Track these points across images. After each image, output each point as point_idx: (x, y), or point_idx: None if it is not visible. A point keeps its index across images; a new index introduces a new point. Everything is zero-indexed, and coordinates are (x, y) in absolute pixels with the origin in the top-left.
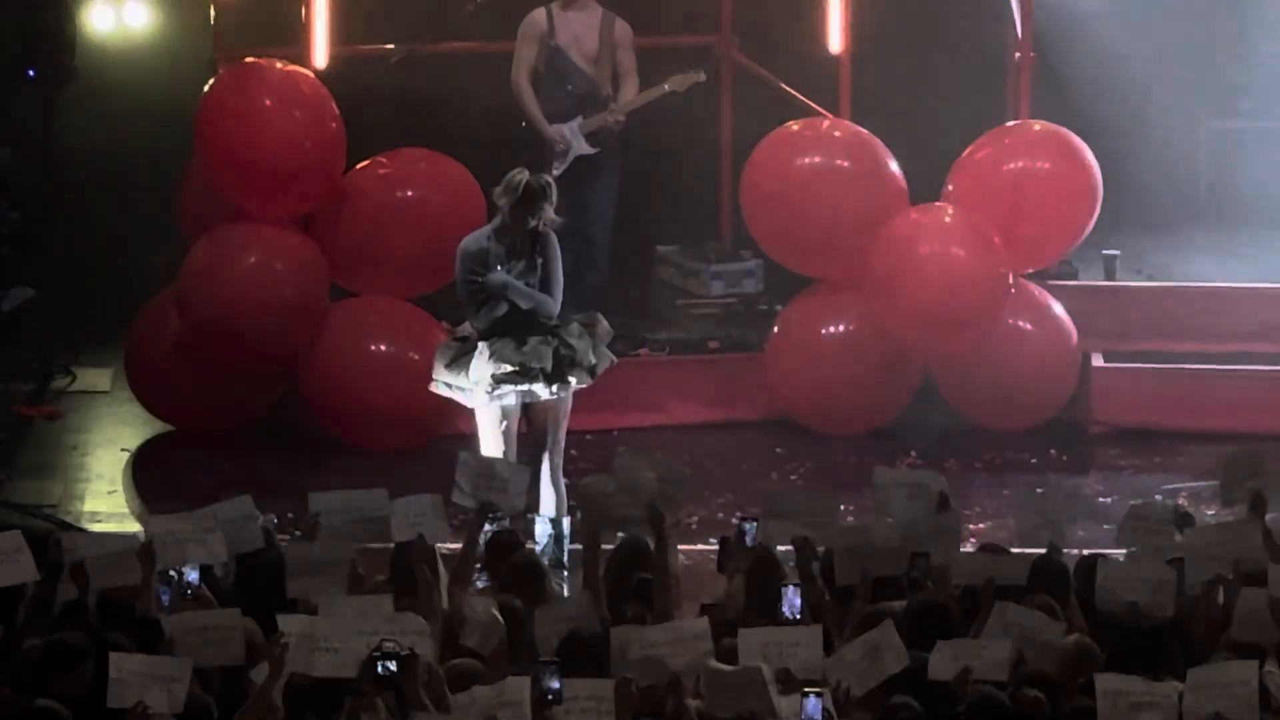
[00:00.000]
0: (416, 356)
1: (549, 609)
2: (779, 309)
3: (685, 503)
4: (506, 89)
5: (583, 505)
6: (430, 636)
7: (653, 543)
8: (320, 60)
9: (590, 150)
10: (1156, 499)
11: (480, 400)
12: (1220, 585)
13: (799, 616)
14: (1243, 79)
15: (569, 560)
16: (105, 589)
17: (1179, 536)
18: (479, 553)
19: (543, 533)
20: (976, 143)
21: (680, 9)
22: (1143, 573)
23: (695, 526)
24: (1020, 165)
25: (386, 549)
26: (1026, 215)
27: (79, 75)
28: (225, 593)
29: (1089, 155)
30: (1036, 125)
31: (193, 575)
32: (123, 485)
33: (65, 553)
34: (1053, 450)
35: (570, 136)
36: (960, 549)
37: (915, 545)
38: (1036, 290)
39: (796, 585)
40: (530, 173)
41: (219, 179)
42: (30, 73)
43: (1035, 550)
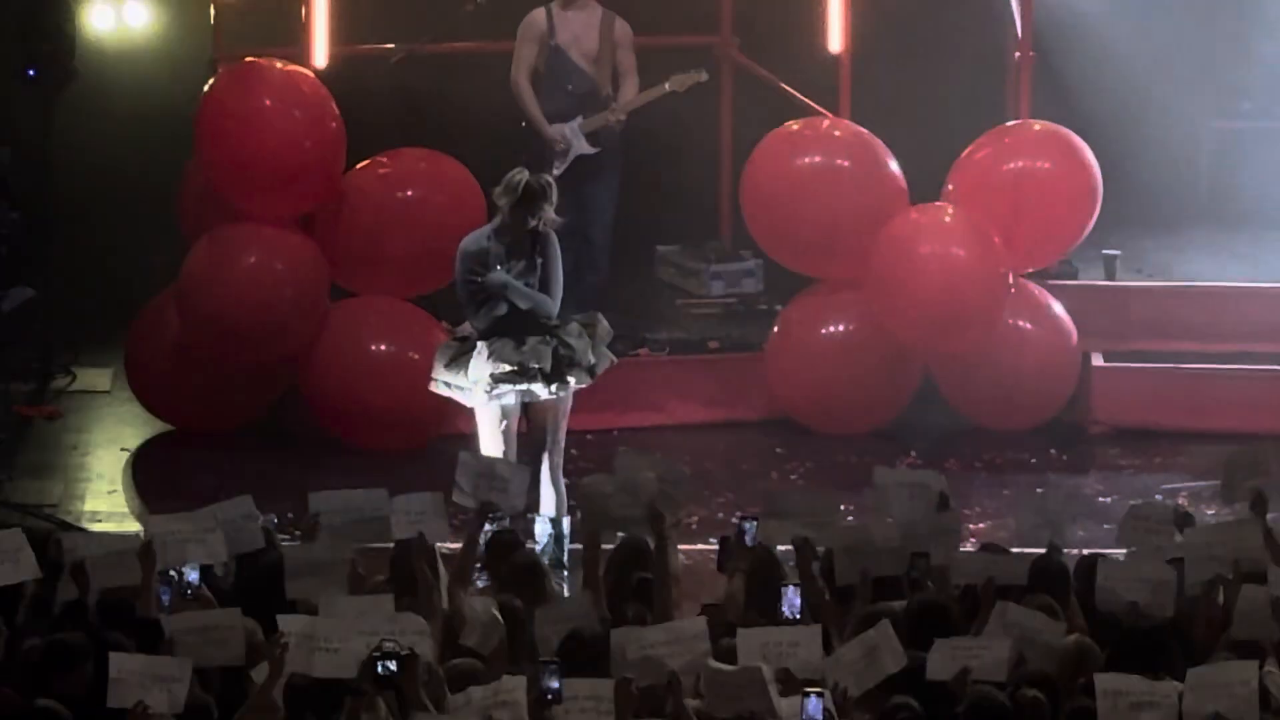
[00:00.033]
0: (416, 356)
1: (549, 609)
2: (779, 309)
3: (685, 503)
4: (506, 89)
5: (583, 505)
6: (430, 636)
7: (653, 543)
8: (320, 60)
9: (591, 150)
10: (1156, 499)
11: (479, 400)
12: (1220, 585)
13: (799, 616)
14: (1243, 79)
15: (569, 560)
16: (105, 589)
17: (1179, 536)
18: (479, 552)
19: (543, 532)
20: (976, 143)
21: (680, 9)
22: (1143, 572)
23: (695, 526)
24: (1020, 165)
25: (387, 549)
26: (1026, 215)
27: (79, 75)
28: (225, 593)
29: (1089, 155)
30: (1036, 125)
31: (193, 575)
32: (123, 485)
33: (65, 553)
34: (1053, 450)
35: (571, 136)
36: (960, 549)
37: (915, 545)
38: (1036, 290)
39: (796, 585)
40: (530, 173)
41: (219, 179)
42: (30, 73)
43: (1035, 550)
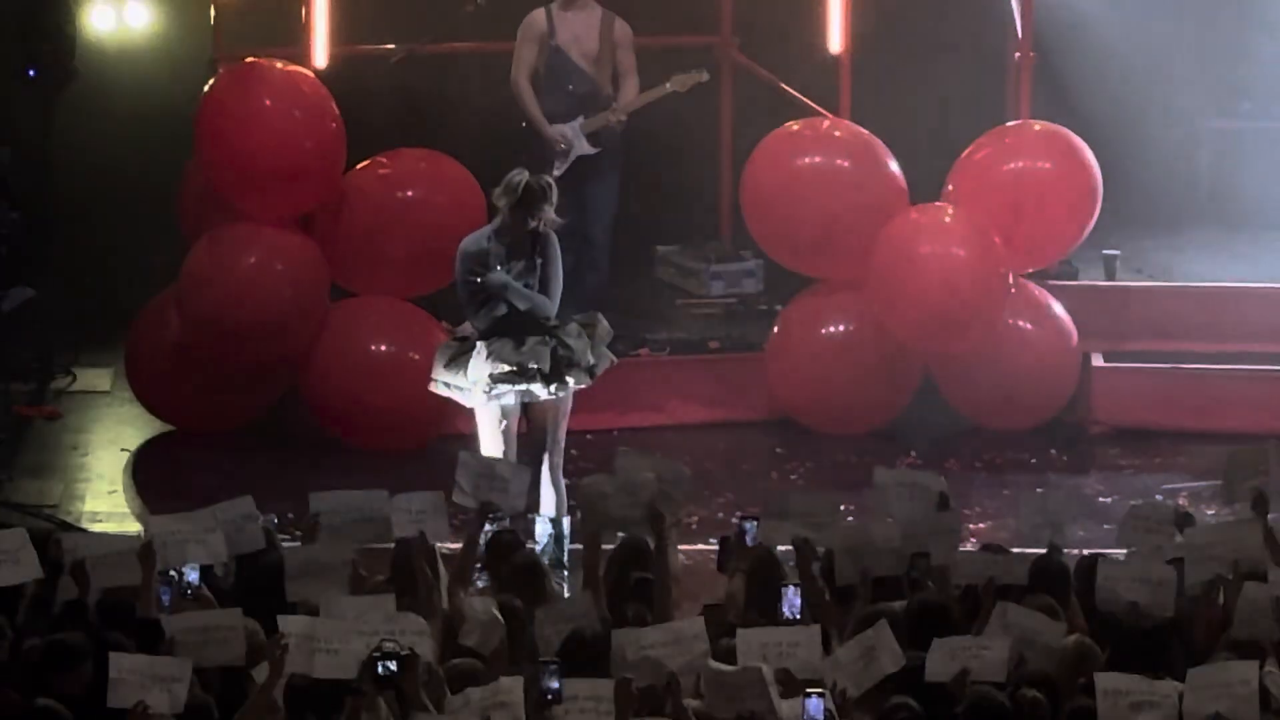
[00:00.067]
0: (416, 356)
1: (550, 609)
2: (779, 309)
3: (685, 503)
4: (506, 89)
5: (583, 505)
6: (430, 636)
7: (653, 543)
8: (320, 60)
9: (592, 150)
10: (1156, 499)
11: (479, 400)
12: (1220, 585)
13: (799, 616)
14: (1243, 79)
15: (569, 560)
16: (105, 589)
17: (1179, 537)
18: (479, 553)
19: (543, 533)
20: (976, 143)
21: (680, 9)
22: (1143, 572)
23: (695, 526)
24: (1020, 165)
25: (388, 549)
26: (1026, 215)
27: (79, 75)
28: (225, 593)
29: (1089, 155)
30: (1036, 125)
31: (193, 575)
32: (123, 485)
33: (65, 553)
34: (1053, 450)
35: (572, 136)
36: (960, 549)
37: (915, 545)
38: (1036, 290)
39: (796, 585)
40: (530, 173)
41: (219, 179)
42: (30, 73)
43: (1036, 550)
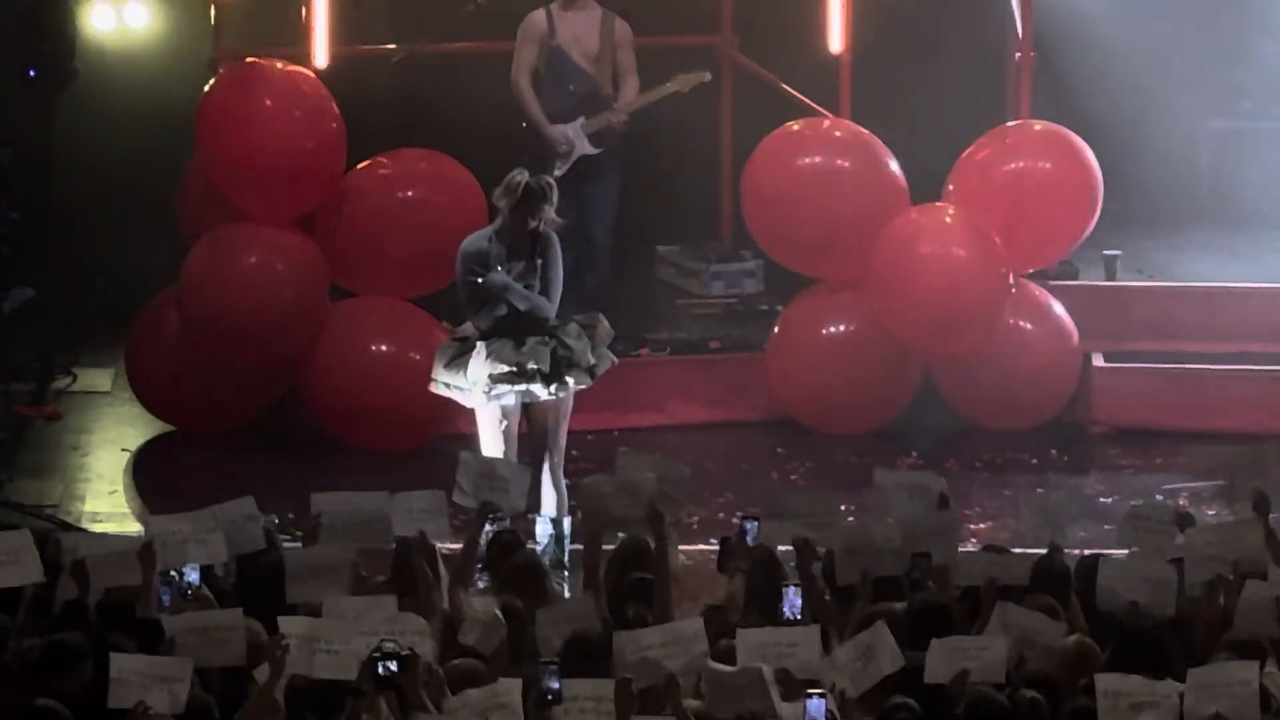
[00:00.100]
0: (416, 356)
1: (550, 610)
2: (779, 309)
3: (685, 503)
4: (506, 89)
5: (583, 505)
6: (430, 636)
7: (653, 543)
8: (321, 60)
9: (593, 150)
10: (1157, 499)
11: (479, 400)
12: (1220, 585)
13: (799, 617)
14: (1243, 79)
15: (570, 560)
16: (106, 589)
17: (1179, 537)
18: (480, 553)
19: (543, 533)
20: (977, 143)
21: (680, 9)
22: (1143, 572)
23: (695, 526)
24: (1021, 165)
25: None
26: (1027, 215)
27: (79, 75)
28: (226, 593)
29: (1089, 155)
30: (1037, 125)
31: (193, 575)
32: (123, 485)
33: (65, 552)
34: (1053, 450)
35: (573, 137)
36: (960, 549)
37: (916, 545)
38: (1037, 290)
39: (797, 585)
40: (530, 174)
41: (219, 179)
42: (30, 73)
43: (1036, 550)
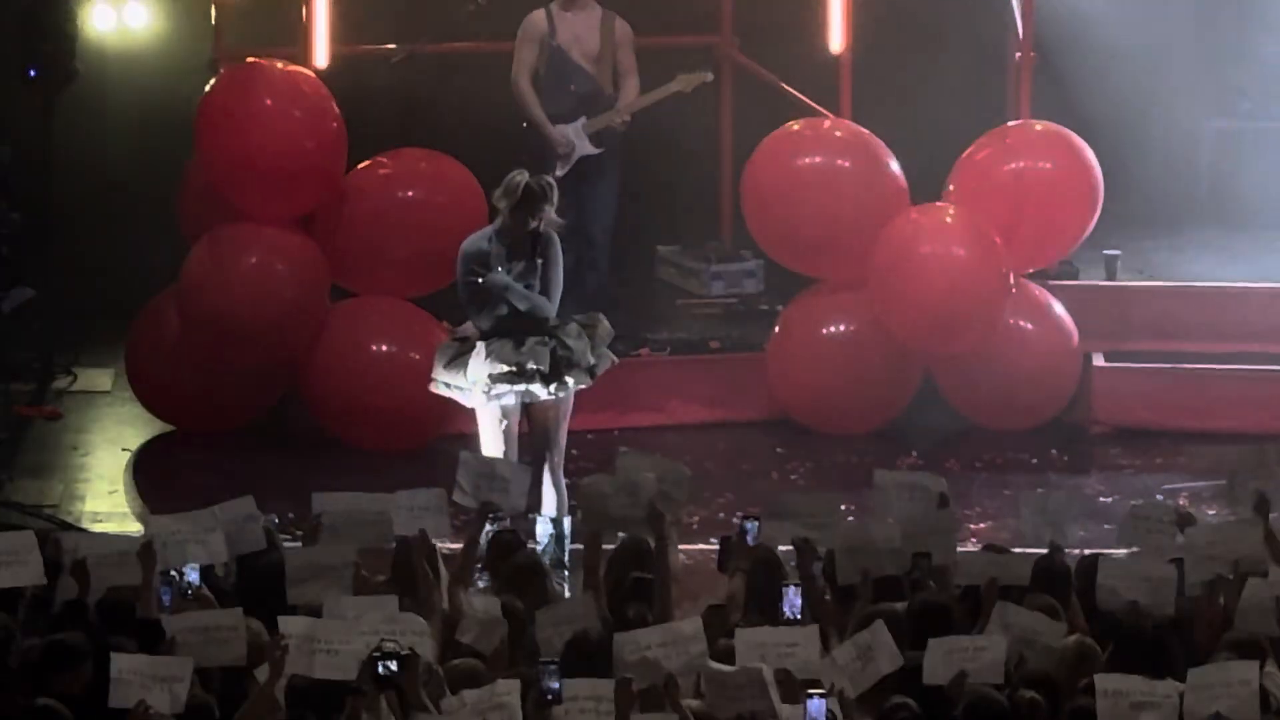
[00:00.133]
0: (416, 356)
1: (550, 610)
2: (779, 309)
3: (685, 503)
4: (507, 89)
5: (583, 505)
6: (430, 636)
7: (653, 543)
8: (321, 60)
9: (595, 150)
10: (1157, 499)
11: (479, 400)
12: (1221, 585)
13: (800, 616)
14: (1243, 79)
15: (570, 560)
16: (106, 589)
17: (1180, 536)
18: (480, 553)
19: (544, 533)
20: (977, 143)
21: (680, 9)
22: (1143, 572)
23: (695, 526)
24: (1021, 165)
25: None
26: (1027, 215)
27: (79, 75)
28: (226, 593)
29: (1090, 155)
30: (1037, 125)
31: (193, 575)
32: (123, 485)
33: (65, 552)
34: (1054, 450)
35: (574, 137)
36: (960, 549)
37: (916, 545)
38: (1037, 290)
39: (797, 585)
40: (530, 174)
41: (219, 179)
42: (30, 73)
43: (1036, 550)
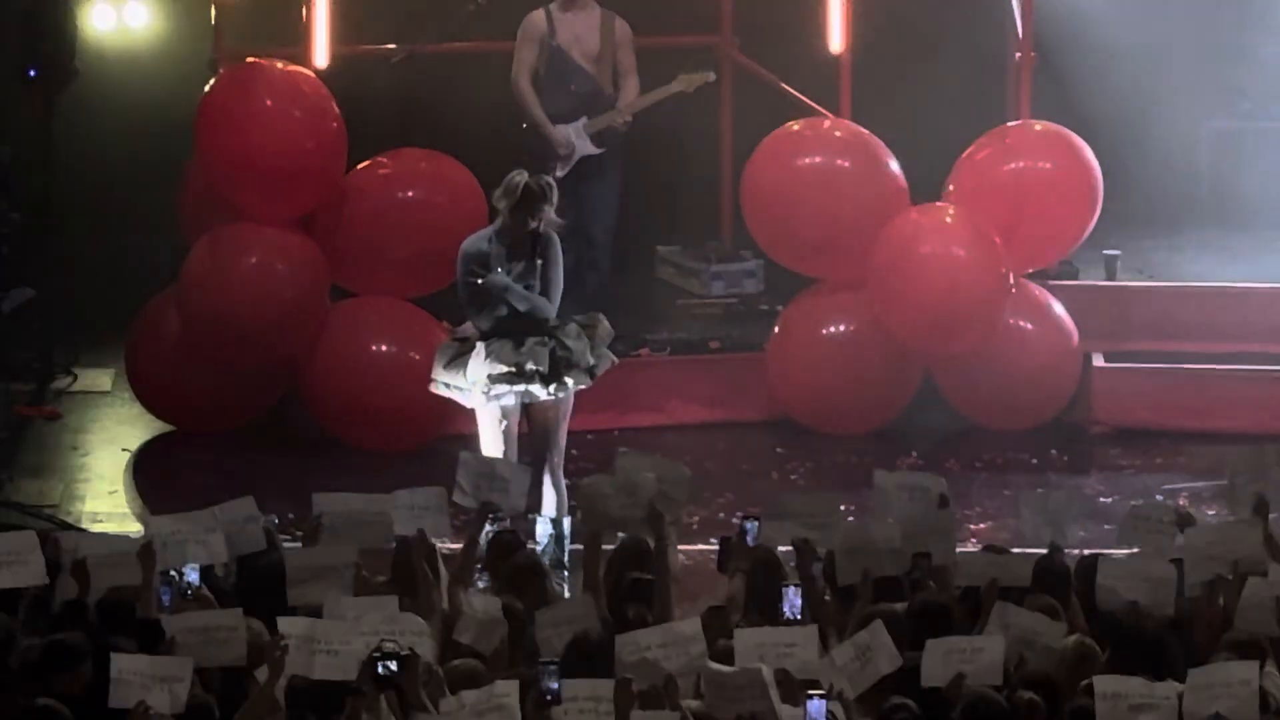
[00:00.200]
0: (416, 356)
1: (550, 610)
2: (780, 309)
3: (685, 503)
4: (507, 89)
5: (583, 505)
6: (430, 636)
7: (653, 543)
8: (321, 60)
9: (596, 150)
10: (1157, 499)
11: (479, 401)
12: (1220, 585)
13: (799, 617)
14: (1243, 79)
15: (569, 560)
16: (106, 589)
17: (1180, 537)
18: (479, 553)
19: (543, 533)
20: (977, 143)
21: (680, 9)
22: (1143, 572)
23: (695, 526)
24: (1021, 165)
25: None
26: (1027, 215)
27: (79, 75)
28: (226, 593)
29: (1090, 155)
30: (1037, 125)
31: (193, 575)
32: (123, 485)
33: (65, 552)
34: (1054, 450)
35: (575, 137)
36: (960, 549)
37: (916, 546)
38: (1037, 290)
39: (797, 585)
40: (530, 174)
41: (219, 180)
42: (30, 73)
43: (1036, 550)
